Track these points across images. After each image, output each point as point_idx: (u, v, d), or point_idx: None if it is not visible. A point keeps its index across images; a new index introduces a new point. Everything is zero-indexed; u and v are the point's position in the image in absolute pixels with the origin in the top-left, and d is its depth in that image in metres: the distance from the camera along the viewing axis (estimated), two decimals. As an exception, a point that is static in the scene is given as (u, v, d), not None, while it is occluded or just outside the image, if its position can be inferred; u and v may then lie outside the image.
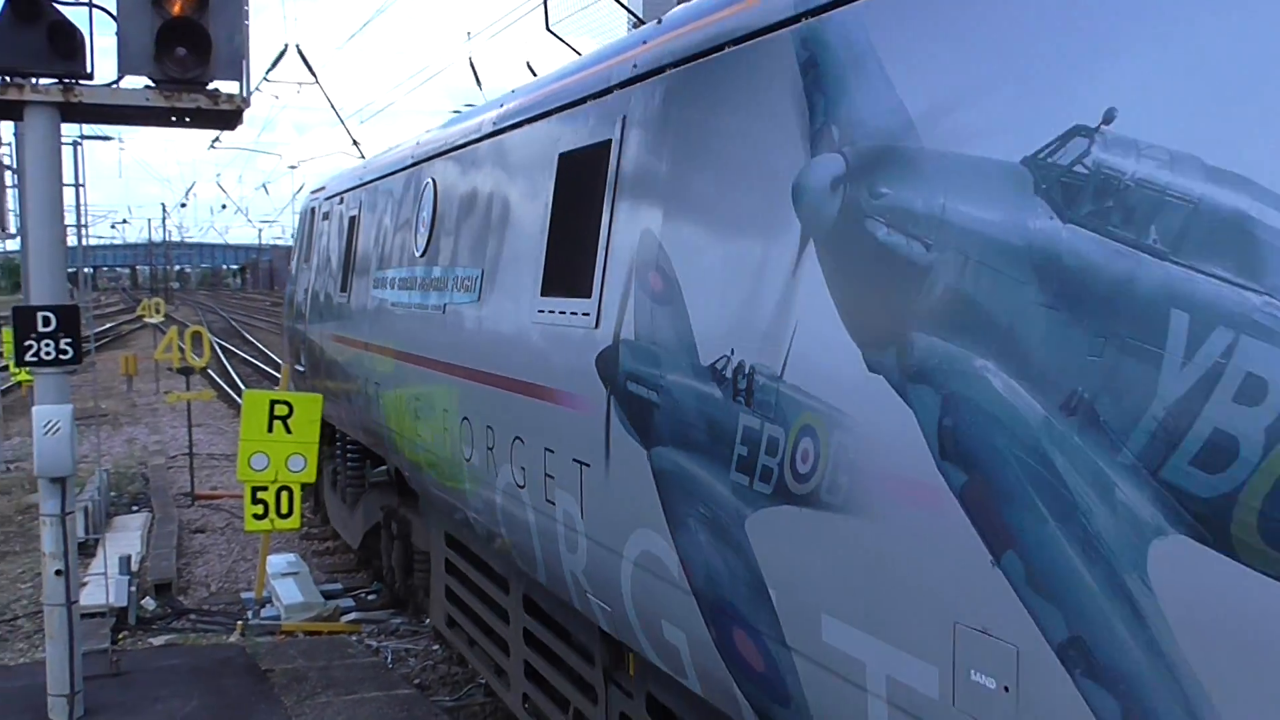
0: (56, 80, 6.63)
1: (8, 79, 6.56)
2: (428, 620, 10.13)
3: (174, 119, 7.07)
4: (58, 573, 6.98)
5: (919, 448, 2.92)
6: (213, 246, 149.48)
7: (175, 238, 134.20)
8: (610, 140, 5.04)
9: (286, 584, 10.55)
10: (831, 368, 3.31)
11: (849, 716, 3.32)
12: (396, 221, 8.96)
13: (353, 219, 10.69)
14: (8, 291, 48.84)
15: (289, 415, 9.72)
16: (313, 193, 13.83)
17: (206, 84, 6.81)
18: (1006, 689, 2.70)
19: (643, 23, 5.90)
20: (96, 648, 8.46)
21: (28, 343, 6.76)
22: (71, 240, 8.48)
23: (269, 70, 20.93)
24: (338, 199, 11.73)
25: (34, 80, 6.61)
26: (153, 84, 6.76)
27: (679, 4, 5.11)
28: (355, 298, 10.09)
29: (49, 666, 7.15)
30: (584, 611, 5.41)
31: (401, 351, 8.32)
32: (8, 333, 16.07)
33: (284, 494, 9.77)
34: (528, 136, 6.19)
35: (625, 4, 10.98)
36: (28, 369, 7.00)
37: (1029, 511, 2.61)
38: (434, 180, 7.95)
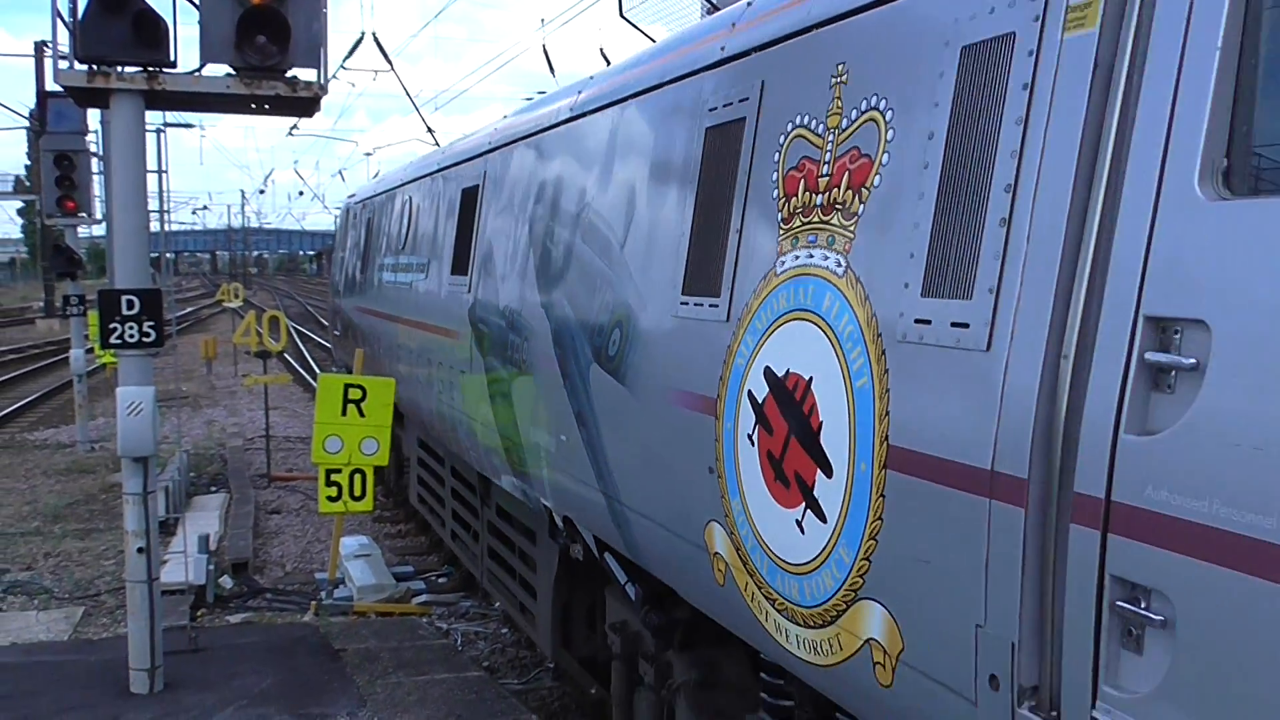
0: (141, 69, 6.78)
1: (94, 68, 6.71)
2: (498, 604, 10.23)
3: (253, 106, 7.19)
4: (140, 550, 7.16)
5: (549, 341, 6.42)
6: (290, 233, 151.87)
7: (254, 224, 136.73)
8: (479, 184, 8.66)
9: (359, 565, 10.70)
10: (532, 308, 6.80)
11: (539, 468, 6.78)
12: (392, 224, 12.53)
13: (369, 220, 14.29)
14: (94, 276, 50.17)
15: (362, 399, 9.86)
16: (348, 197, 17.29)
17: (285, 71, 6.91)
18: (565, 438, 6.15)
19: (716, 9, 5.89)
20: (176, 624, 8.67)
21: (112, 325, 6.93)
22: (154, 226, 8.65)
23: (346, 58, 21.20)
24: (361, 205, 15.34)
25: (119, 69, 6.75)
26: (233, 72, 6.87)
27: None
28: (368, 278, 13.82)
29: (131, 641, 7.33)
30: (470, 462, 9.04)
31: (392, 315, 11.96)
32: (93, 315, 16.49)
33: (357, 476, 9.91)
34: (450, 176, 9.82)
35: (698, -11, 10.91)
36: (112, 351, 7.18)
37: (571, 362, 6.03)
38: (410, 198, 11.59)
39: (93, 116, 16.91)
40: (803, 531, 3.81)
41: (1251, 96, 2.47)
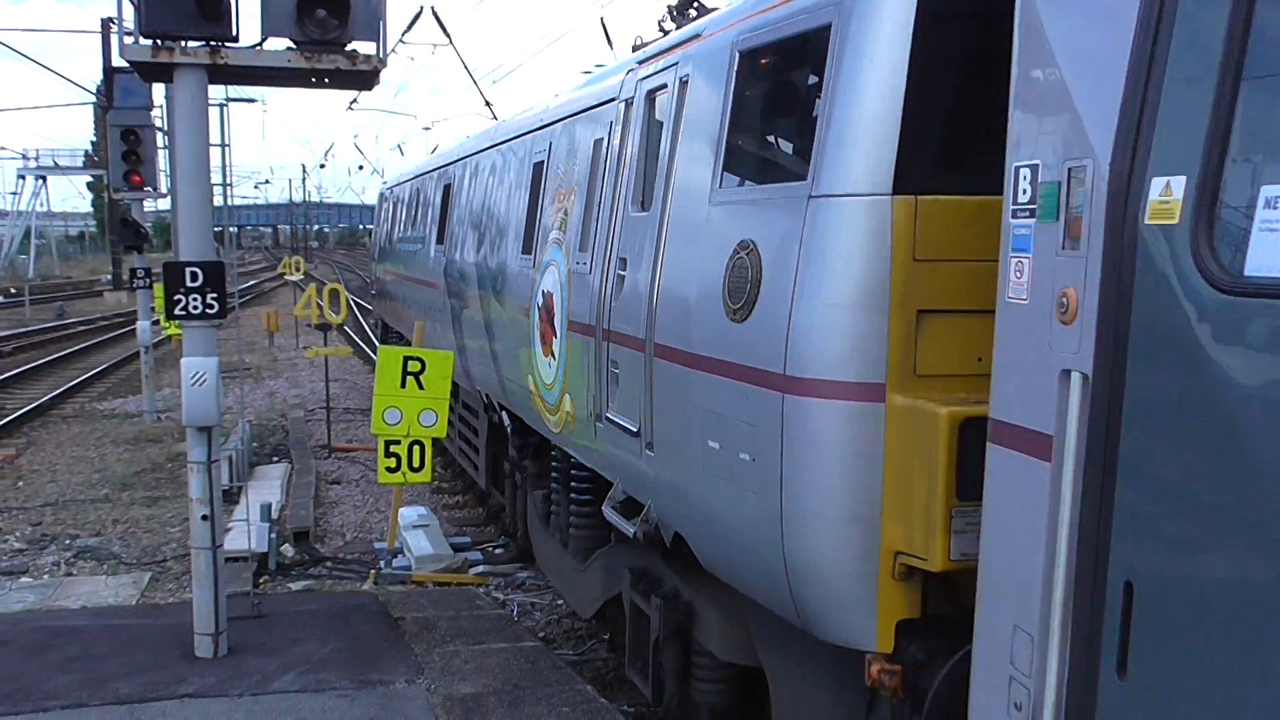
0: (204, 43, 6.85)
1: (159, 42, 6.80)
2: (545, 579, 10.28)
3: (314, 80, 7.24)
4: (204, 518, 7.30)
5: (475, 283, 10.50)
6: (350, 206, 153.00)
7: (314, 198, 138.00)
8: (450, 184, 12.75)
9: (417, 536, 10.82)
10: (470, 264, 10.82)
11: (473, 366, 10.91)
12: (408, 207, 16.70)
13: (394, 204, 18.91)
14: (160, 249, 51.06)
15: (421, 371, 9.94)
16: (384, 183, 22.92)
17: (345, 45, 6.95)
18: (481, 344, 10.32)
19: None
20: (239, 590, 8.84)
21: (177, 297, 7.05)
22: (217, 200, 8.76)
23: (405, 32, 21.27)
24: (390, 190, 20.25)
25: (183, 43, 6.84)
26: (294, 45, 6.93)
27: None
28: (392, 248, 18.38)
29: (196, 606, 7.49)
30: (462, 377, 12.02)
31: (404, 274, 16.32)
32: (159, 288, 16.75)
33: (416, 448, 10.00)
34: (437, 175, 13.96)
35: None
36: (177, 323, 7.30)
37: (483, 295, 10.11)
38: (418, 190, 15.79)
39: (158, 92, 17.15)
40: (550, 368, 7.70)
41: (651, 177, 6.04)
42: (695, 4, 7.81)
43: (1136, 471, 2.99)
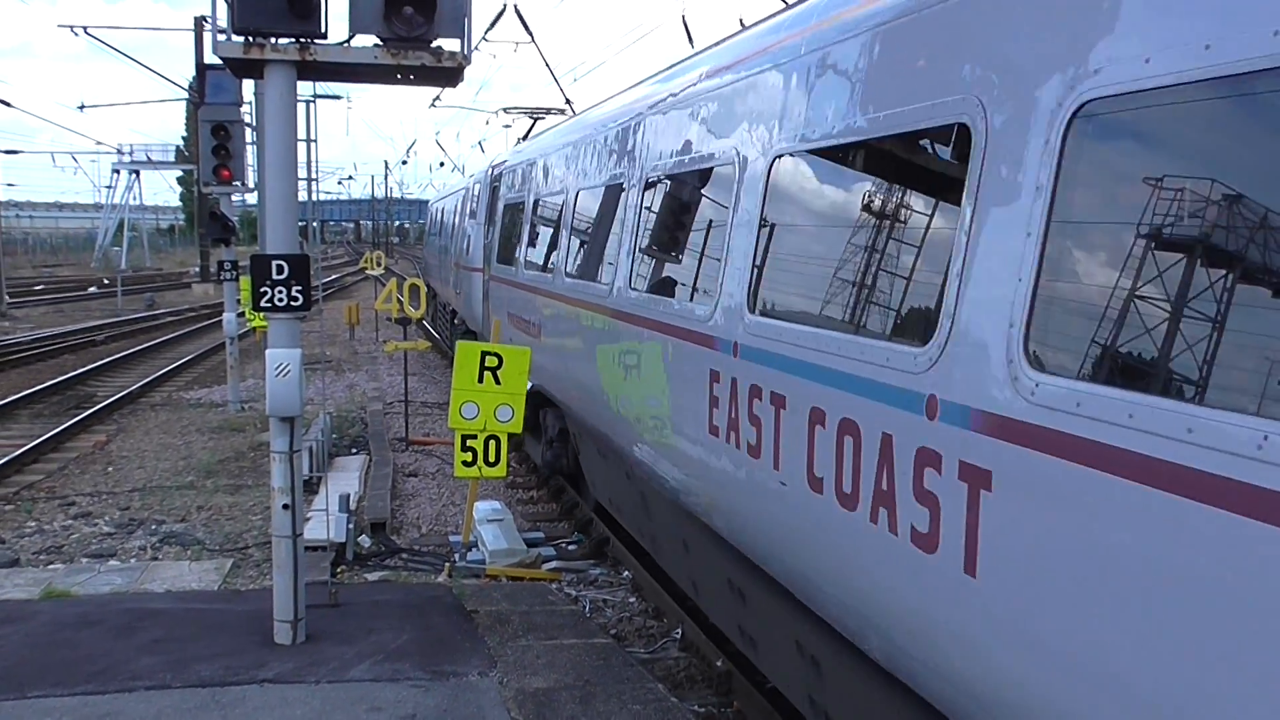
0: (294, 40, 6.97)
1: (250, 39, 6.93)
2: (626, 573, 10.29)
3: (399, 76, 7.32)
4: (285, 507, 7.42)
5: (449, 254, 25.33)
6: (430, 202, 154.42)
7: (396, 194, 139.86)
8: (444, 207, 30.42)
9: (492, 530, 10.90)
10: (447, 246, 26.44)
11: (462, 306, 22.93)
12: (445, 221, 28.51)
13: (430, 215, 37.33)
14: (246, 243, 52.15)
15: (499, 367, 9.99)
16: (431, 200, 40.86)
17: (430, 42, 7.01)
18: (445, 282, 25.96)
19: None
20: (317, 579, 8.97)
21: (263, 289, 7.17)
22: (303, 194, 8.88)
23: (488, 29, 21.47)
24: (431, 206, 38.33)
25: (274, 40, 6.96)
26: (381, 42, 7.01)
27: None
28: (430, 240, 36.62)
29: (275, 593, 7.62)
30: (459, 311, 23.01)
31: (431, 255, 34.20)
32: (245, 281, 17.11)
33: (492, 443, 10.06)
34: (442, 202, 31.39)
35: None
36: (262, 315, 7.43)
37: (451, 260, 24.83)
38: (437, 209, 33.57)
39: (247, 90, 17.51)
40: (458, 288, 22.10)
41: (474, 212, 20.80)
42: (528, 134, 18.75)
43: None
